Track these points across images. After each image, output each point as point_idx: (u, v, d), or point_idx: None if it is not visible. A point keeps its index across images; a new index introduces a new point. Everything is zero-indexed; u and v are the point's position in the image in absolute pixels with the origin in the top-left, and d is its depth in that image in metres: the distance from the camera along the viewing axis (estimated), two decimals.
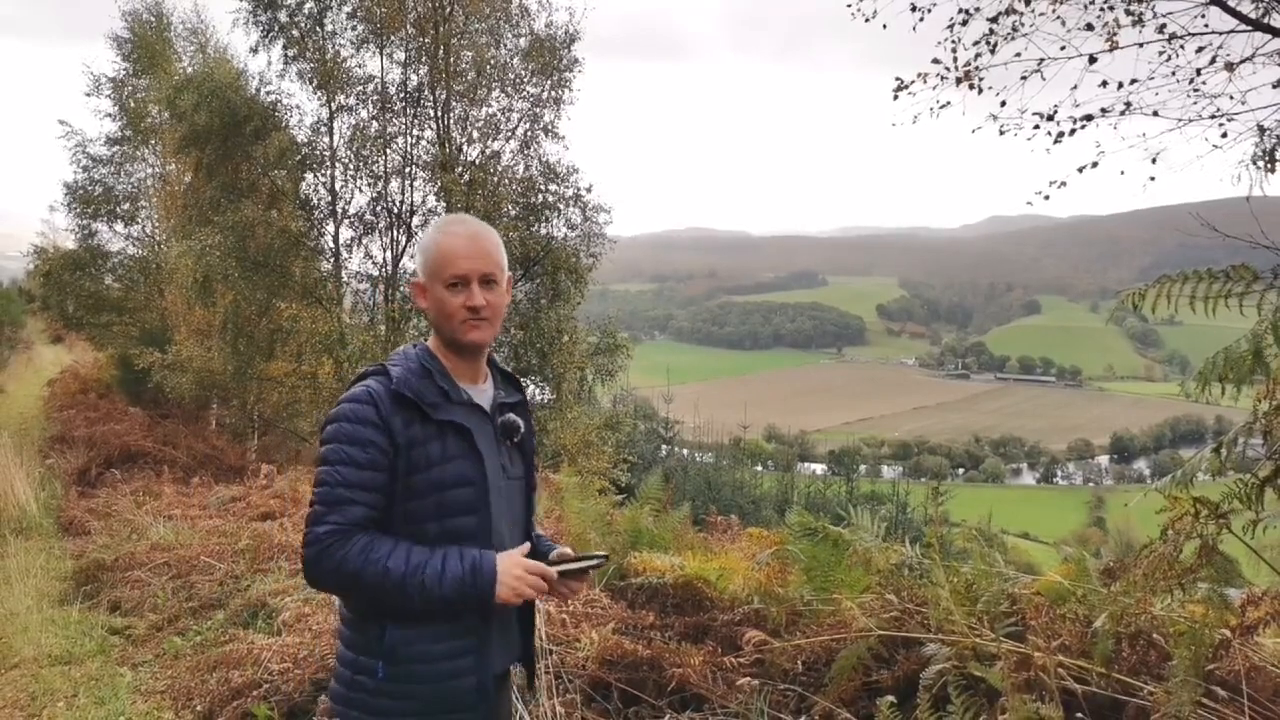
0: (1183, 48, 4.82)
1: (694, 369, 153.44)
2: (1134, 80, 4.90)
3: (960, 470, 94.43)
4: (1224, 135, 4.74)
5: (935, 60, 5.46)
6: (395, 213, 12.72)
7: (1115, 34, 4.90)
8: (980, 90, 5.40)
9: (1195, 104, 4.82)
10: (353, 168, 12.65)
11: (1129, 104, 4.94)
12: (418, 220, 12.85)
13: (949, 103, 5.50)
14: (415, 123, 12.55)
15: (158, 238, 17.78)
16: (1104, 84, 4.89)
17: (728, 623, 3.75)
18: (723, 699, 3.11)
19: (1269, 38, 4.55)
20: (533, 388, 12.48)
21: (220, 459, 12.24)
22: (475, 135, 12.61)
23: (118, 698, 4.26)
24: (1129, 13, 4.87)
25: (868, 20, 5.74)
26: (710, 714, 3.09)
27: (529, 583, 1.69)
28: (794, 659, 3.21)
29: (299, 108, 12.80)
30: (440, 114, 12.37)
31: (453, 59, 12.19)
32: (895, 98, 5.59)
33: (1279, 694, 2.48)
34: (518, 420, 1.82)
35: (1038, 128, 5.24)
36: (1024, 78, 5.22)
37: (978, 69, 5.35)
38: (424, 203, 12.85)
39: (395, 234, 12.85)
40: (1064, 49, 5.05)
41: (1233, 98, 4.75)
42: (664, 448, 28.14)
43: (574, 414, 12.65)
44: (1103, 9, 4.92)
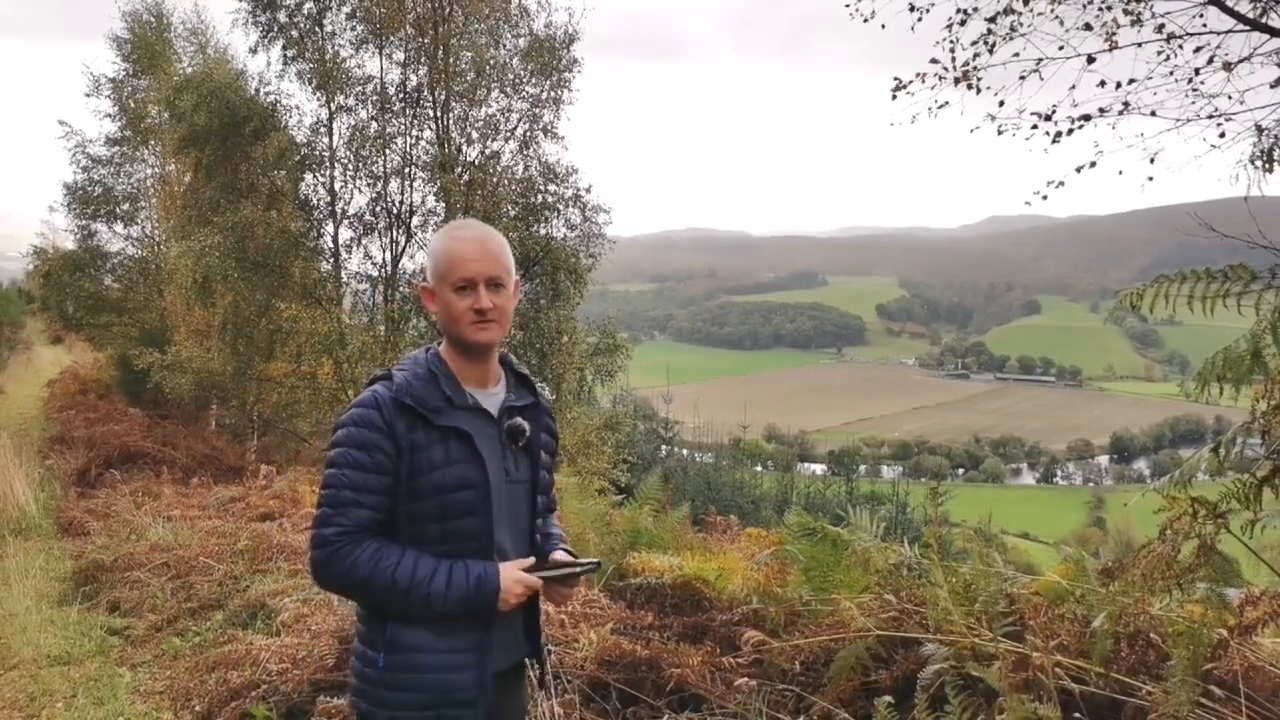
0: (1181, 47, 4.82)
1: (694, 369, 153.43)
2: (1132, 80, 4.91)
3: (960, 470, 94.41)
4: (1222, 135, 4.74)
5: (933, 60, 5.47)
6: (394, 213, 12.71)
7: (1114, 34, 4.91)
8: (978, 90, 5.40)
9: (1193, 104, 4.82)
10: (352, 168, 12.64)
11: (1127, 104, 4.94)
12: (417, 221, 12.84)
13: (947, 103, 5.51)
14: (414, 123, 12.54)
15: (157, 238, 17.77)
16: (1102, 84, 4.90)
17: (726, 623, 3.75)
18: (721, 699, 3.11)
19: (1267, 37, 4.55)
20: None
21: (220, 459, 12.24)
22: (474, 136, 12.60)
23: (116, 698, 4.26)
24: (1127, 12, 4.88)
25: (866, 20, 5.75)
26: (709, 714, 3.09)
27: (528, 594, 1.79)
28: (792, 659, 3.21)
29: (298, 108, 12.79)
30: (439, 114, 12.36)
31: (452, 59, 12.19)
32: (894, 97, 5.59)
33: (1277, 694, 2.48)
34: (523, 424, 1.83)
35: (1035, 128, 5.24)
36: (1022, 77, 5.23)
37: (976, 69, 5.36)
38: (423, 203, 12.85)
39: (394, 234, 12.84)
40: (1062, 49, 5.06)
41: (1231, 97, 4.76)
42: (664, 448, 28.14)
43: (573, 414, 12.64)
44: (1101, 9, 4.92)
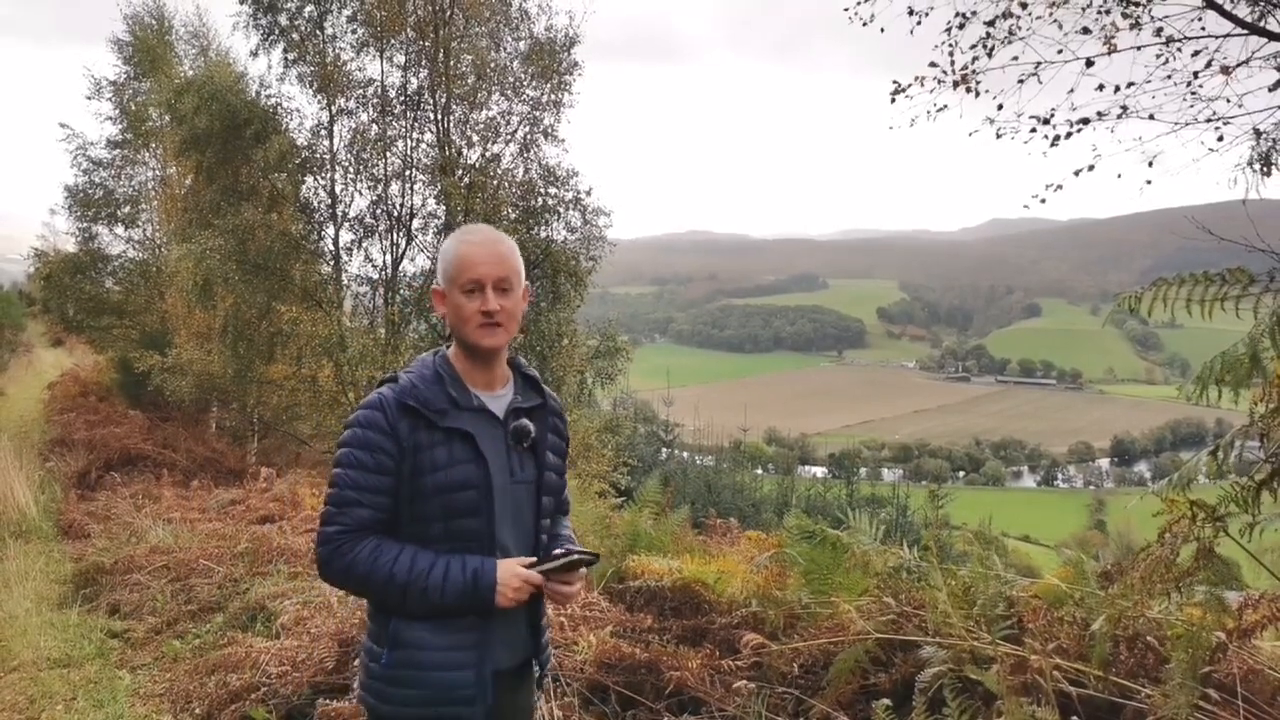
0: (1179, 51, 4.83)
1: (694, 372, 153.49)
2: (1131, 84, 4.92)
3: (961, 473, 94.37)
4: (1220, 139, 4.75)
5: (932, 64, 5.48)
6: (395, 216, 12.72)
7: (1113, 37, 4.92)
8: (977, 94, 5.41)
9: (1192, 107, 4.83)
10: (353, 171, 12.66)
11: (1125, 107, 4.95)
12: (417, 224, 12.85)
13: (946, 106, 5.52)
14: (415, 126, 12.55)
15: (158, 241, 17.78)
16: (1100, 88, 4.90)
17: (726, 626, 3.75)
18: (720, 702, 3.11)
19: (1265, 41, 4.56)
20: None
21: (220, 462, 12.24)
22: (475, 138, 12.61)
23: (116, 701, 4.26)
24: (1126, 15, 4.89)
25: (865, 24, 5.76)
26: (708, 717, 3.09)
27: (527, 591, 1.77)
28: (791, 662, 3.21)
29: (299, 111, 12.80)
30: (440, 117, 12.38)
31: (453, 62, 12.21)
32: (893, 101, 5.60)
33: (1276, 697, 2.48)
34: (528, 425, 1.84)
35: (1034, 131, 5.25)
36: (1021, 81, 5.24)
37: (975, 72, 5.37)
38: (424, 206, 12.86)
39: (395, 237, 12.85)
40: (1060, 52, 5.07)
41: (1229, 101, 4.77)
42: (664, 450, 28.15)
43: (574, 417, 12.64)
44: (1099, 13, 4.94)
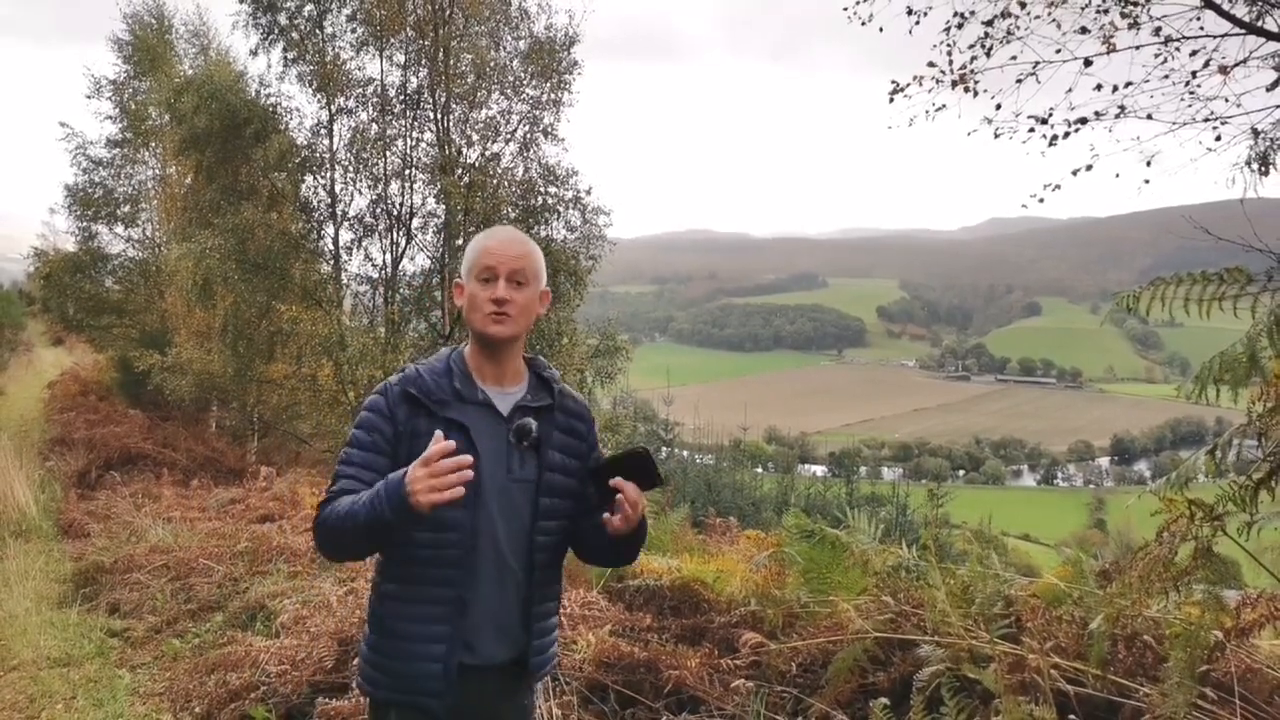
0: (1178, 51, 4.83)
1: (694, 371, 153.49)
2: (1129, 83, 4.92)
3: (961, 472, 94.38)
4: (1218, 139, 4.75)
5: (931, 63, 5.48)
6: (395, 215, 12.72)
7: (1111, 37, 4.92)
8: (975, 93, 5.41)
9: (1190, 107, 4.83)
10: (352, 170, 12.65)
11: (1123, 107, 4.95)
12: (417, 223, 12.83)
13: (944, 106, 5.52)
14: (415, 125, 12.54)
15: (158, 240, 17.78)
16: (1099, 87, 4.91)
17: (725, 625, 3.76)
18: (719, 701, 3.12)
19: (1263, 41, 4.56)
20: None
21: (220, 461, 12.25)
22: (475, 137, 12.60)
23: (116, 700, 4.26)
24: (1124, 15, 4.89)
25: (864, 23, 5.77)
26: (707, 716, 3.10)
27: (438, 474, 1.60)
28: (790, 661, 3.21)
29: (299, 110, 12.78)
30: (440, 116, 12.37)
31: (452, 61, 12.20)
32: (891, 101, 5.61)
33: (1274, 695, 2.49)
34: (530, 424, 1.83)
35: (1032, 130, 5.25)
36: (1019, 81, 5.24)
37: (973, 72, 5.37)
38: (424, 205, 12.84)
39: (395, 236, 12.85)
40: (1059, 52, 5.07)
41: (1227, 101, 4.77)
42: (664, 449, 28.15)
43: None
44: (1098, 12, 4.94)
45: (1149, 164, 4.99)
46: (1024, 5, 5.12)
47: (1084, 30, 4.97)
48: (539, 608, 1.89)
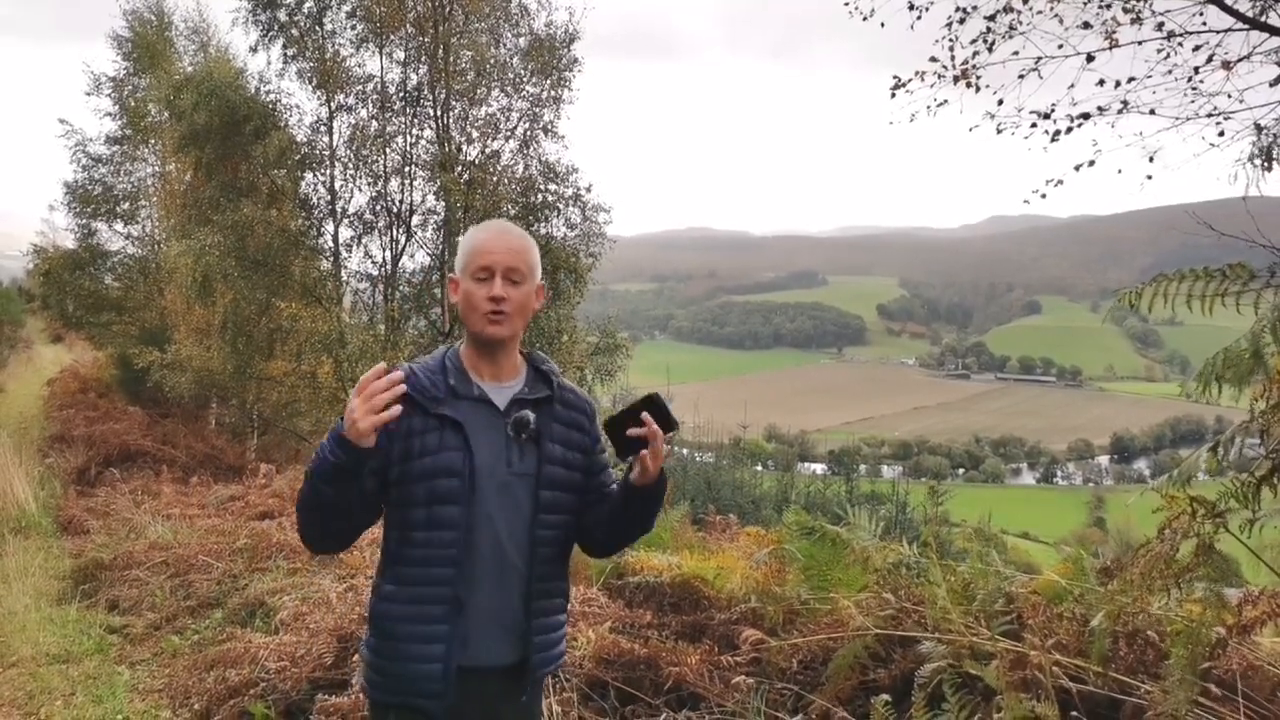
0: (1180, 46, 4.81)
1: (694, 369, 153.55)
2: (1131, 79, 4.91)
3: (960, 470, 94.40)
4: (1221, 134, 4.73)
5: (933, 58, 5.46)
6: (395, 212, 12.71)
7: (1114, 32, 4.91)
8: (978, 89, 5.39)
9: (1193, 102, 4.82)
10: (352, 167, 12.64)
11: (1126, 102, 4.93)
12: (417, 220, 12.83)
13: (946, 101, 5.51)
14: (415, 122, 12.53)
15: (157, 237, 17.76)
16: (1101, 83, 4.90)
17: (725, 621, 3.75)
18: (719, 698, 3.11)
19: (1266, 36, 4.55)
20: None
21: (219, 458, 12.25)
22: (475, 135, 12.59)
23: (115, 696, 4.25)
24: (1127, 10, 4.87)
25: (865, 18, 5.75)
26: (707, 713, 3.09)
27: (373, 395, 1.59)
28: (791, 658, 3.20)
29: (298, 107, 12.77)
30: (440, 113, 12.35)
31: (452, 58, 12.17)
32: (893, 95, 5.59)
33: (1276, 693, 2.48)
34: (528, 416, 1.82)
35: (1035, 126, 5.24)
36: (1021, 76, 5.22)
37: (975, 67, 5.35)
38: (423, 202, 12.84)
39: (394, 233, 12.84)
40: (1061, 47, 5.05)
41: (1230, 96, 4.76)
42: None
43: None
44: (1100, 7, 4.92)
45: (1151, 159, 4.98)
46: (1026, 0, 5.11)
47: (1086, 25, 4.95)
48: (542, 603, 1.86)
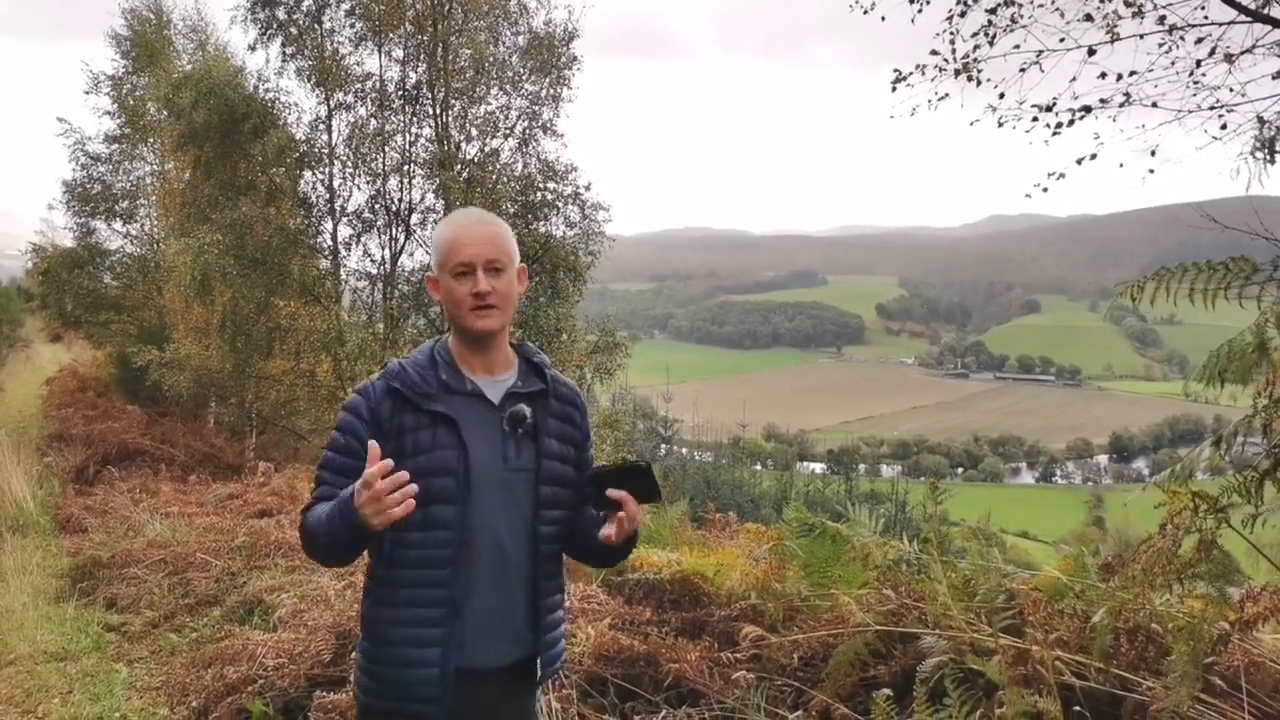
0: (1182, 39, 4.80)
1: (693, 368, 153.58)
2: (1133, 72, 4.88)
3: (959, 469, 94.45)
4: (1223, 127, 4.72)
5: (934, 52, 5.45)
6: (394, 210, 12.69)
7: (1115, 25, 4.89)
8: (979, 82, 5.38)
9: (1195, 96, 4.80)
10: (351, 165, 12.63)
11: (1128, 95, 4.92)
12: (416, 218, 12.82)
13: (947, 95, 5.48)
14: (414, 120, 12.52)
15: (156, 236, 17.75)
16: (1103, 76, 4.88)
17: (725, 618, 3.74)
18: (719, 694, 3.10)
19: (1269, 29, 4.53)
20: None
21: (218, 457, 12.23)
22: (474, 133, 12.57)
23: (113, 694, 4.24)
24: (1128, 3, 4.86)
25: (866, 12, 5.73)
26: (707, 709, 3.08)
27: (379, 497, 1.55)
28: (791, 654, 3.19)
29: (297, 105, 12.76)
30: (439, 111, 12.34)
31: (451, 56, 12.16)
32: (893, 89, 5.56)
33: (1278, 689, 2.47)
34: (524, 410, 1.78)
35: (1036, 119, 5.22)
36: (1023, 70, 5.20)
37: (976, 61, 5.34)
38: (422, 200, 12.83)
39: (394, 232, 12.82)
40: (1063, 40, 5.03)
41: (1232, 89, 4.74)
42: (663, 446, 28.16)
43: None
44: (1101, 0, 4.91)
45: (1153, 154, 4.96)
46: None
47: (1088, 18, 4.94)
48: (546, 601, 1.82)
